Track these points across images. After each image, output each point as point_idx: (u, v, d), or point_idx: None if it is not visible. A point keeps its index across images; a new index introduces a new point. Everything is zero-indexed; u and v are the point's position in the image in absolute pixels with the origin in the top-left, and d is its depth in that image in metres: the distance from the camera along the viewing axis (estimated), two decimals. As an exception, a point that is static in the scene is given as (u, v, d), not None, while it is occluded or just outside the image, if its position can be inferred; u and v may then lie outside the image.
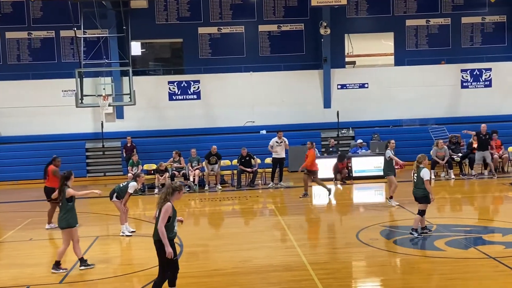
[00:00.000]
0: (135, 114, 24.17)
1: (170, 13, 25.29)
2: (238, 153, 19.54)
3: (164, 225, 7.25)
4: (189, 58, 25.73)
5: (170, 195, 7.37)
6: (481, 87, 25.50)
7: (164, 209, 7.27)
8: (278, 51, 25.58)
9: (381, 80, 25.24)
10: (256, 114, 24.80)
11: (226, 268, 9.40)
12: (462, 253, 9.81)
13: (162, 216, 7.25)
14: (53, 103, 23.93)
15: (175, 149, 20.13)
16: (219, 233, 12.70)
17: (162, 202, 7.34)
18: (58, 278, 9.12)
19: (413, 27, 25.92)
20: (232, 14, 25.46)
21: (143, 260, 10.13)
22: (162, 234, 7.23)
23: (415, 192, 11.12)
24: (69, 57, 24.99)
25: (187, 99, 24.87)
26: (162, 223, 7.24)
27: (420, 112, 24.55)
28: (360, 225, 12.02)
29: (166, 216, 7.27)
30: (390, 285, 8.35)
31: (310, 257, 9.74)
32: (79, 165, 23.01)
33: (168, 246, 7.26)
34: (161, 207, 7.32)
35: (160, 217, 7.27)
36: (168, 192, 7.38)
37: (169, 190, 7.39)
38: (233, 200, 17.12)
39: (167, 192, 7.38)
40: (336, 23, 24.72)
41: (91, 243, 11.60)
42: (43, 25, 24.83)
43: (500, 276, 8.59)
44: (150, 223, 13.70)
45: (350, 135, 24.09)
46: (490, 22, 26.07)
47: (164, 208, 7.27)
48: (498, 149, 20.01)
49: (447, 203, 15.68)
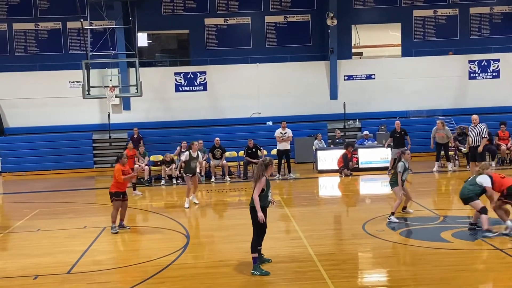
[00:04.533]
0: (141, 106, 24.21)
1: (177, 4, 25.25)
2: (245, 144, 19.55)
3: (258, 195, 8.43)
4: (196, 49, 25.71)
5: (264, 170, 8.54)
6: (489, 78, 25.36)
7: (259, 182, 8.46)
8: (284, 42, 25.51)
9: (388, 71, 25.14)
10: (263, 106, 24.79)
11: (232, 259, 9.42)
12: (469, 245, 9.78)
13: (257, 187, 8.47)
14: (60, 95, 24.01)
15: (182, 140, 20.14)
16: (225, 224, 12.72)
17: (258, 176, 8.51)
18: (66, 268, 9.18)
19: (420, 17, 25.77)
20: (239, 5, 25.40)
21: (150, 250, 10.18)
22: (256, 201, 8.45)
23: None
24: (76, 48, 25.03)
25: (194, 90, 24.89)
26: (256, 193, 8.46)
27: (427, 104, 24.46)
28: (367, 217, 12.01)
29: (260, 187, 8.47)
30: (396, 276, 8.35)
31: (316, 248, 9.75)
32: (86, 156, 23.17)
33: (260, 212, 8.44)
34: (256, 180, 8.52)
35: (255, 188, 8.50)
36: (262, 169, 8.54)
37: (262, 167, 8.55)
38: (239, 191, 17.14)
39: (261, 169, 8.54)
40: (343, 14, 24.62)
41: (99, 233, 11.66)
42: (50, 16, 24.88)
43: (507, 267, 8.56)
44: (157, 214, 13.81)
45: (356, 127, 24.04)
46: (499, 13, 25.88)
47: (259, 182, 8.46)
48: (506, 141, 19.91)
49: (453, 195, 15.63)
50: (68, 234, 11.77)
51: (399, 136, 18.91)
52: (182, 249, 10.12)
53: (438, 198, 15.31)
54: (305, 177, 19.19)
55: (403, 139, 18.93)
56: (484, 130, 16.14)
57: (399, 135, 18.94)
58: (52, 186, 19.53)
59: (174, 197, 17.01)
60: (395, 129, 19.05)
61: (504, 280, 8.16)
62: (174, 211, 14.33)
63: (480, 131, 16.03)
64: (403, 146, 18.78)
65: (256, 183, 8.54)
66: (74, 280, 8.68)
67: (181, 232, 11.56)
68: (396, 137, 18.94)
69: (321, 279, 8.22)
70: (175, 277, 8.60)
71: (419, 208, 12.85)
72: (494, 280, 8.24)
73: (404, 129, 19.08)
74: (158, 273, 8.74)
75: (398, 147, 18.75)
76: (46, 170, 22.72)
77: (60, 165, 22.81)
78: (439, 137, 18.99)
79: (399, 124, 19.18)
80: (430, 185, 17.18)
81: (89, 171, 22.72)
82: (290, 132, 18.85)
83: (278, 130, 18.86)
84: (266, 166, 8.60)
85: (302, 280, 8.23)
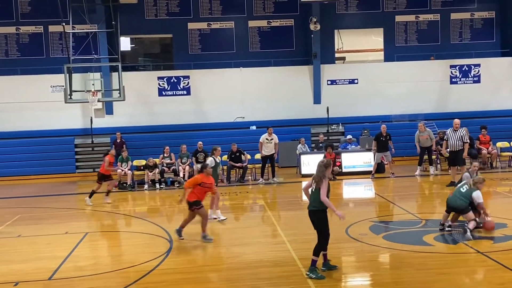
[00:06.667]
0: (124, 110, 24.07)
1: (160, 8, 25.18)
2: (228, 148, 19.53)
3: (326, 196, 8.38)
4: (179, 53, 25.66)
5: (325, 171, 8.52)
6: (470, 82, 25.65)
7: (324, 183, 8.42)
8: (268, 46, 25.56)
9: (370, 75, 25.30)
10: (246, 110, 24.78)
11: (216, 263, 9.39)
12: (451, 248, 9.87)
13: (323, 189, 8.40)
14: (41, 99, 23.77)
15: (165, 145, 20.11)
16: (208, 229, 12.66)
17: (319, 178, 8.47)
18: (47, 274, 9.08)
19: (402, 23, 26.00)
20: (222, 10, 25.41)
21: (132, 256, 10.11)
22: (327, 202, 8.39)
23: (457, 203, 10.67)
24: (58, 52, 24.84)
25: (177, 94, 24.81)
26: (324, 194, 8.39)
27: (410, 108, 24.65)
28: (350, 221, 12.04)
29: (326, 188, 8.43)
30: (379, 280, 8.38)
31: (299, 253, 9.76)
32: (68, 161, 22.96)
33: (336, 210, 8.41)
34: (318, 181, 8.45)
35: (321, 191, 8.40)
36: (322, 170, 8.51)
37: (322, 168, 8.53)
38: (222, 196, 17.07)
39: (322, 170, 8.51)
40: (326, 19, 24.75)
41: (81, 239, 11.55)
42: (31, 20, 24.65)
43: (488, 271, 8.65)
44: (140, 219, 13.72)
45: (340, 131, 24.15)
46: (479, 18, 26.20)
47: (324, 183, 8.42)
48: (486, 145, 20.15)
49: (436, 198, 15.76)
50: (50, 240, 11.65)
51: (385, 140, 19.01)
52: (165, 254, 10.07)
53: (421, 202, 15.42)
54: (289, 181, 19.22)
55: (387, 143, 19.05)
56: (465, 135, 16.29)
57: (385, 139, 19.03)
58: (33, 191, 19.32)
59: (157, 202, 16.92)
60: (381, 133, 19.13)
61: (484, 283, 8.25)
62: (157, 216, 14.25)
63: (462, 136, 16.16)
64: (387, 151, 18.93)
65: (319, 184, 8.45)
66: (56, 286, 8.59)
67: (164, 237, 11.49)
68: (381, 141, 19.02)
69: (304, 283, 8.22)
70: (158, 282, 8.55)
71: (401, 212, 12.93)
72: (476, 283, 8.33)
73: (389, 133, 19.20)
74: (141, 279, 8.68)
75: (381, 151, 18.89)
76: (27, 175, 22.47)
77: (41, 170, 22.56)
78: (423, 139, 19.11)
79: (385, 128, 19.27)
80: (413, 189, 17.30)
81: (71, 176, 22.51)
82: (277, 138, 18.81)
83: (263, 136, 18.80)
84: (326, 167, 8.57)
85: (286, 285, 8.23)
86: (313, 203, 8.55)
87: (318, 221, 8.51)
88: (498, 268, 8.66)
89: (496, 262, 8.89)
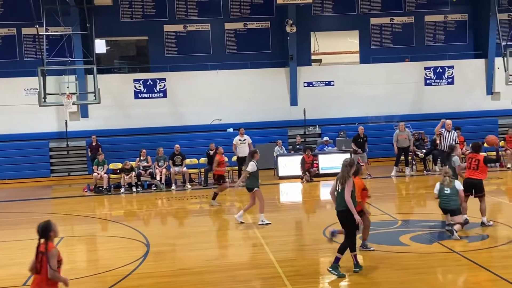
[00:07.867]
0: (100, 113, 23.81)
1: (135, 10, 24.99)
2: (205, 151, 19.48)
3: (350, 196, 8.28)
4: (155, 56, 25.50)
5: (350, 171, 8.44)
6: (444, 84, 25.97)
7: (349, 183, 8.34)
8: (244, 49, 25.55)
9: (346, 77, 25.45)
10: (223, 112, 24.72)
11: (193, 267, 9.35)
12: (427, 248, 9.98)
13: (348, 189, 8.31)
14: (15, 102, 23.37)
15: (142, 148, 19.97)
16: (186, 232, 12.62)
17: (344, 178, 8.39)
18: (21, 281, 8.93)
19: (377, 25, 26.21)
20: (198, 12, 25.31)
21: (109, 260, 10.01)
22: (350, 203, 8.28)
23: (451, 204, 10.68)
24: (32, 55, 24.48)
25: (153, 97, 24.64)
26: (348, 194, 8.29)
27: (385, 109, 24.85)
28: (327, 222, 12.10)
29: (350, 188, 8.35)
30: (356, 280, 8.43)
31: (277, 255, 9.76)
32: (42, 165, 22.63)
33: (356, 214, 8.35)
34: (344, 182, 8.37)
35: (345, 190, 8.31)
36: (347, 170, 8.42)
37: (348, 168, 8.44)
38: (200, 198, 17.04)
39: (347, 170, 8.43)
40: (302, 21, 24.83)
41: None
42: (4, 22, 24.21)
43: (463, 270, 8.77)
44: (117, 223, 13.59)
45: (316, 133, 24.24)
46: (452, 21, 26.56)
47: (349, 183, 8.35)
48: (461, 145, 20.38)
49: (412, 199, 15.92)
50: (23, 245, 11.43)
51: (362, 142, 19.17)
52: (142, 258, 9.99)
53: (397, 203, 15.56)
54: (266, 183, 19.19)
55: (364, 144, 19.21)
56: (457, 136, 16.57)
57: (362, 140, 19.18)
58: (6, 196, 19.01)
59: (134, 206, 16.79)
60: (359, 134, 19.29)
61: (460, 281, 8.36)
62: (134, 219, 14.14)
63: (456, 137, 16.33)
64: (363, 152, 19.08)
65: (344, 184, 8.38)
66: (30, 292, 8.45)
67: (141, 240, 11.41)
68: (359, 143, 19.16)
69: (282, 285, 8.23)
70: (135, 286, 8.49)
71: (378, 213, 13.02)
72: (451, 282, 8.45)
73: (366, 134, 19.35)
74: (118, 283, 8.60)
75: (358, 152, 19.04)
76: (1, 180, 22.12)
77: (15, 174, 22.22)
78: (401, 139, 19.30)
79: (362, 129, 19.44)
80: (389, 190, 17.45)
81: (45, 180, 22.20)
82: (249, 138, 18.90)
83: (236, 138, 18.92)
84: (351, 166, 8.50)
85: (264, 287, 8.23)
86: (341, 203, 8.51)
87: (346, 220, 8.50)
88: (473, 267, 8.79)
89: (471, 261, 9.01)
